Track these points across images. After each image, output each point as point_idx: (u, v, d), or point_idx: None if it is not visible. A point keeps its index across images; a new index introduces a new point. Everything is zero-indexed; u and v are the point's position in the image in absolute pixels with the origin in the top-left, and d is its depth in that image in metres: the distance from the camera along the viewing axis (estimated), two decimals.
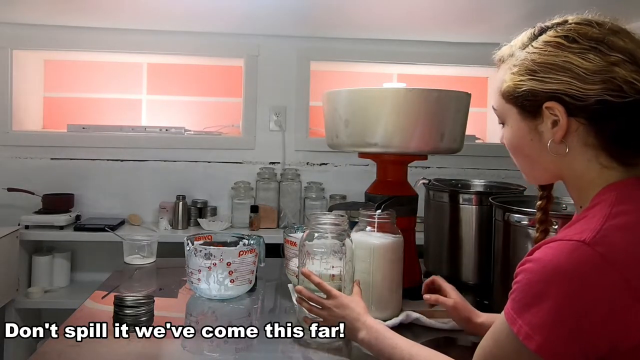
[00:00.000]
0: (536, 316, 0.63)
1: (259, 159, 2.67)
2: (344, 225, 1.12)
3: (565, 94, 0.70)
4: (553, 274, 0.63)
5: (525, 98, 0.74)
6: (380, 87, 1.26)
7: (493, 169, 2.77)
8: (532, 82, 0.73)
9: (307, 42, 2.65)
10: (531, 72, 0.73)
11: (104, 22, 2.45)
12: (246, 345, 1.06)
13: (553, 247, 0.65)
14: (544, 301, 0.63)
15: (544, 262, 0.64)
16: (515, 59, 0.78)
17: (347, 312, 1.01)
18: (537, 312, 0.63)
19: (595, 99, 0.68)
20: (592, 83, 0.68)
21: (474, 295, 1.41)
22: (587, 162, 0.72)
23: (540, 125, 0.74)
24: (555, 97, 0.71)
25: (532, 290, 0.65)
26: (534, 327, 0.63)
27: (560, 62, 0.71)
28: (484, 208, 1.46)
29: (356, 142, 1.28)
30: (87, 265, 2.57)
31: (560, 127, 0.71)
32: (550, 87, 0.71)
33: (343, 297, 1.04)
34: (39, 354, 0.98)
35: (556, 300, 0.62)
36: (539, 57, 0.73)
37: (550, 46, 0.73)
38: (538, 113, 0.73)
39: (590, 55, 0.69)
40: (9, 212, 2.47)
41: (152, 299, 1.18)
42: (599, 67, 0.68)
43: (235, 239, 1.43)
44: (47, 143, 2.57)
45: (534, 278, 0.65)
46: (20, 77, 2.57)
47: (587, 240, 0.63)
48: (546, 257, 0.65)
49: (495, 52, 0.83)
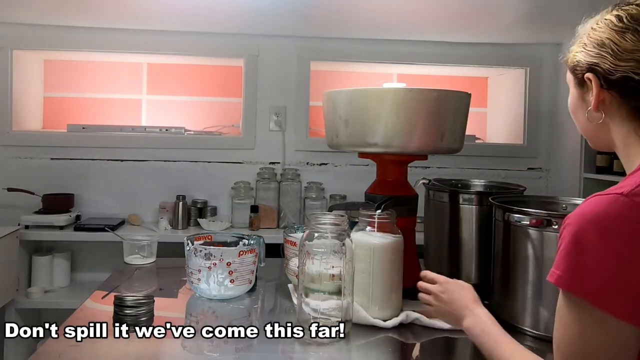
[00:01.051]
0: (577, 263, 0.66)
1: (259, 159, 2.67)
2: (344, 225, 1.12)
3: (599, 67, 0.76)
4: (591, 222, 0.66)
5: (576, 68, 0.82)
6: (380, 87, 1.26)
7: (493, 169, 2.77)
8: (581, 54, 0.80)
9: (307, 42, 2.65)
10: (584, 45, 0.80)
11: (104, 22, 2.45)
12: (246, 345, 1.06)
13: (591, 201, 0.69)
14: (583, 248, 0.66)
15: (582, 214, 0.68)
16: (581, 33, 0.83)
17: (455, 298, 1.03)
18: (578, 259, 0.66)
19: (622, 75, 0.74)
20: (623, 60, 0.74)
21: None
22: (626, 134, 0.78)
23: (586, 94, 0.81)
24: (592, 69, 0.78)
25: (571, 241, 0.67)
26: (575, 273, 0.66)
27: (604, 38, 0.77)
28: (484, 208, 1.46)
29: (356, 142, 1.28)
30: (87, 265, 2.57)
31: (594, 97, 0.78)
32: (590, 60, 0.78)
33: (451, 283, 1.06)
34: (39, 354, 0.98)
35: (595, 245, 0.65)
36: (593, 32, 0.79)
37: (604, 23, 0.78)
38: (584, 83, 0.81)
39: (628, 34, 0.74)
40: (9, 212, 2.47)
41: (152, 299, 1.18)
42: (633, 47, 0.73)
43: (235, 239, 1.43)
44: (47, 143, 2.57)
45: (572, 229, 0.68)
46: (20, 77, 2.57)
47: (625, 192, 0.67)
48: (584, 210, 0.68)
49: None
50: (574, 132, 2.59)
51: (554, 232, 1.10)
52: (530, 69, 2.75)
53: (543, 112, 2.77)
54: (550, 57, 2.74)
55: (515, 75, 2.83)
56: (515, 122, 2.83)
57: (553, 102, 2.76)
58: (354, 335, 1.10)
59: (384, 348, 1.07)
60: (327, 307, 1.08)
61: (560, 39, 2.64)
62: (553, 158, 2.78)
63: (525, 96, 2.78)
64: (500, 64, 2.74)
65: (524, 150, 2.78)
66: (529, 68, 2.75)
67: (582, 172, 2.51)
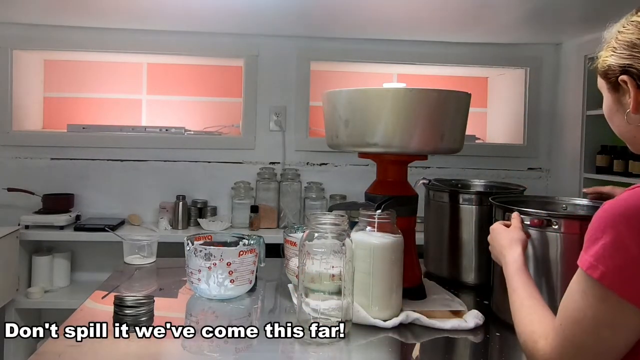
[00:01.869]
0: (601, 248, 0.67)
1: (259, 159, 2.67)
2: (344, 225, 1.12)
3: (634, 68, 0.76)
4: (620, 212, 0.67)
5: (607, 72, 0.81)
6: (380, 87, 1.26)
7: (493, 169, 2.77)
8: (612, 58, 0.80)
9: (307, 42, 2.65)
10: (614, 49, 0.80)
11: (103, 22, 2.45)
12: (246, 345, 1.06)
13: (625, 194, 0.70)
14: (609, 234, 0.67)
15: (613, 204, 0.69)
16: (608, 38, 0.83)
17: (494, 245, 1.10)
18: (603, 245, 0.67)
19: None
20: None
21: (474, 295, 1.42)
22: None
23: (622, 97, 0.81)
24: (627, 71, 0.77)
25: (600, 227, 0.68)
26: (598, 258, 0.67)
27: (635, 39, 0.77)
28: (484, 208, 1.46)
29: (356, 142, 1.28)
30: (87, 265, 2.57)
31: (632, 98, 0.77)
32: (623, 62, 0.78)
33: (493, 229, 1.13)
34: (39, 354, 0.98)
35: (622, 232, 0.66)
36: (622, 35, 0.79)
37: (632, 26, 0.78)
38: (619, 86, 0.80)
39: None
40: (9, 212, 2.47)
41: (152, 299, 1.18)
42: None
43: (235, 239, 1.43)
44: (47, 143, 2.57)
45: (602, 215, 0.69)
46: (20, 77, 2.57)
47: None
48: (616, 202, 0.69)
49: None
50: (574, 132, 2.59)
51: (554, 232, 1.10)
52: (530, 69, 2.75)
53: (543, 112, 2.77)
54: (550, 57, 2.74)
55: (515, 75, 2.83)
56: (515, 122, 2.83)
57: (553, 102, 2.76)
58: (354, 335, 1.10)
59: (384, 348, 1.07)
60: (327, 307, 1.08)
61: (560, 39, 2.64)
62: (553, 158, 2.78)
63: (525, 96, 2.78)
64: (500, 64, 2.74)
65: (524, 150, 2.78)
66: (529, 68, 2.75)
67: (582, 172, 2.51)
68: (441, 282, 1.46)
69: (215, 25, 2.46)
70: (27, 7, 2.22)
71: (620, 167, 2.30)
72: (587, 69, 2.46)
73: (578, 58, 2.54)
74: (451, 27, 2.41)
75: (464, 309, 1.24)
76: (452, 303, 1.29)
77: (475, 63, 2.71)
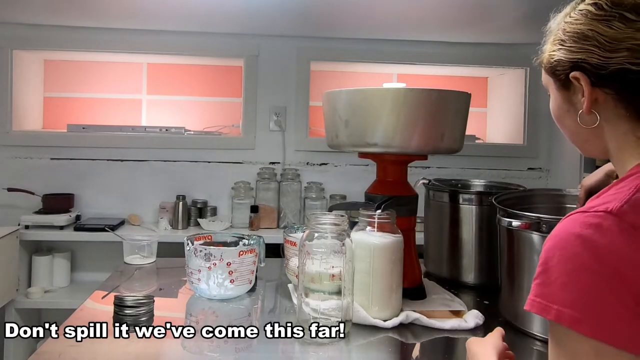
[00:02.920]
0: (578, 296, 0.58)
1: (259, 159, 2.67)
2: (344, 225, 1.12)
3: (587, 62, 0.68)
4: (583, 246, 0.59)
5: (556, 68, 0.73)
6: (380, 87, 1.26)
7: (493, 169, 2.77)
8: (560, 52, 0.72)
9: (307, 42, 2.65)
10: (561, 42, 0.72)
11: (104, 22, 2.45)
12: (246, 345, 1.06)
13: (574, 220, 0.61)
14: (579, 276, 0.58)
15: (562, 235, 0.61)
16: (554, 29, 0.76)
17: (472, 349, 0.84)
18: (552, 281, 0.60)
19: (617, 67, 0.66)
20: (614, 51, 0.66)
21: (474, 295, 1.42)
22: (623, 135, 0.69)
23: (573, 96, 0.73)
24: (579, 67, 0.69)
25: (565, 269, 0.60)
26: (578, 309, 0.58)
27: (586, 30, 0.69)
28: (484, 208, 1.46)
29: (356, 142, 1.28)
30: (87, 265, 2.57)
31: (586, 98, 0.69)
32: (574, 57, 0.70)
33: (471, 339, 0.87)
34: (39, 354, 0.98)
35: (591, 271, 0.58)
36: (569, 26, 0.71)
37: (580, 15, 0.70)
38: (570, 83, 0.72)
39: (615, 22, 0.66)
40: (9, 212, 2.47)
41: (152, 299, 1.18)
42: (623, 35, 0.66)
43: (235, 239, 1.43)
44: (47, 143, 2.57)
45: (562, 254, 0.60)
46: (20, 77, 2.57)
47: (614, 210, 0.59)
48: (566, 230, 0.61)
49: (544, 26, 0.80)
50: None
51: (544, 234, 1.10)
52: (530, 69, 2.75)
53: (543, 112, 2.77)
54: None
55: (515, 75, 2.83)
56: (515, 122, 2.83)
57: None
58: (354, 335, 1.10)
59: (384, 348, 1.07)
60: (327, 307, 1.08)
61: None
62: (553, 158, 2.78)
63: (525, 96, 2.78)
64: (500, 64, 2.74)
65: (524, 150, 2.78)
66: (529, 68, 2.75)
67: (582, 172, 2.51)
68: (441, 282, 1.46)
69: (215, 25, 2.46)
70: (27, 7, 2.22)
71: None
72: None
73: None
74: (451, 27, 2.41)
75: (464, 309, 1.24)
76: (452, 303, 1.29)
77: (475, 63, 2.71)
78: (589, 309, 0.57)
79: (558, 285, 0.60)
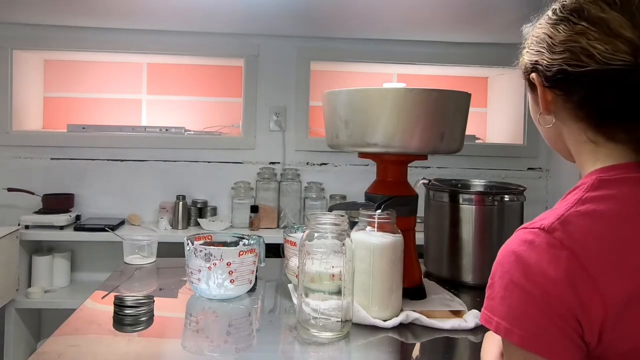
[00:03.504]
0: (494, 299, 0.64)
1: (259, 159, 2.67)
2: (344, 225, 1.12)
3: (539, 64, 0.71)
4: (509, 260, 0.63)
5: (523, 71, 0.77)
6: (380, 87, 1.26)
7: (493, 169, 2.77)
8: (526, 55, 0.75)
9: (307, 42, 2.65)
10: (528, 45, 0.75)
11: (104, 22, 2.45)
12: (246, 345, 1.06)
13: (516, 236, 0.65)
14: (498, 283, 0.64)
15: (503, 252, 0.66)
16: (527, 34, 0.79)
17: None
18: (495, 295, 0.64)
19: (557, 69, 0.68)
20: (558, 53, 0.68)
21: (474, 295, 1.42)
22: (578, 137, 0.70)
23: (537, 97, 0.75)
24: (535, 69, 0.72)
25: (491, 280, 0.66)
26: (491, 310, 0.65)
27: (541, 33, 0.71)
28: (484, 208, 1.46)
29: (356, 142, 1.28)
30: (87, 265, 2.57)
31: (540, 97, 0.72)
32: (532, 59, 0.73)
33: None
34: (39, 354, 0.98)
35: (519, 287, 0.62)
36: (534, 30, 0.75)
37: (542, 20, 0.74)
38: (533, 85, 0.74)
39: (561, 25, 0.68)
40: (9, 212, 2.47)
41: (152, 299, 1.18)
42: (565, 37, 0.67)
43: (235, 239, 1.43)
44: (47, 143, 2.57)
45: (493, 269, 0.66)
46: (20, 77, 2.57)
47: (547, 227, 0.62)
48: (506, 247, 0.65)
49: None
50: None
51: None
52: None
53: None
54: None
55: (515, 75, 2.80)
56: (515, 122, 2.83)
57: None
58: (354, 335, 1.10)
59: (384, 348, 1.07)
60: (327, 307, 1.08)
61: None
62: (553, 158, 2.78)
63: (525, 96, 2.78)
64: (500, 64, 2.74)
65: (524, 150, 2.78)
66: None
67: None
68: (441, 282, 1.46)
69: (215, 25, 2.46)
70: (27, 7, 2.22)
71: None
72: None
73: None
74: (451, 27, 2.41)
75: (464, 309, 1.24)
76: (452, 303, 1.29)
77: (475, 63, 2.71)
78: (518, 322, 0.62)
79: (498, 299, 0.64)
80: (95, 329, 1.09)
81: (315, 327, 1.07)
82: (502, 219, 1.49)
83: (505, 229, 1.49)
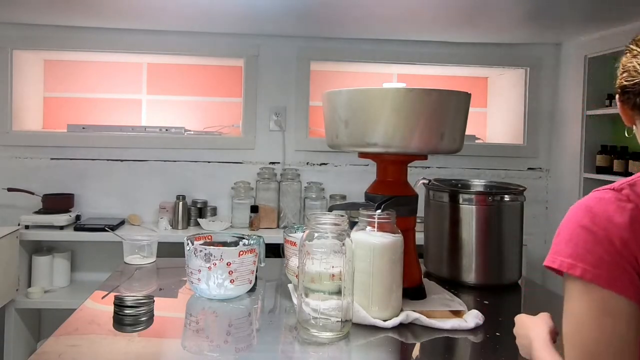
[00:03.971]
0: (560, 244, 0.74)
1: (259, 159, 2.67)
2: (344, 225, 1.12)
3: (617, 86, 0.83)
4: (579, 211, 0.73)
5: None
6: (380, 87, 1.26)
7: (493, 169, 2.77)
8: None
9: (307, 42, 2.65)
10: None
11: (104, 22, 2.45)
12: (246, 345, 1.06)
13: (587, 196, 0.75)
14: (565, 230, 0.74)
15: (574, 207, 0.75)
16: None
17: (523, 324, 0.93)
18: (561, 241, 0.74)
19: (619, 86, 0.82)
20: (621, 73, 0.81)
21: (474, 295, 1.42)
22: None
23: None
24: (616, 91, 0.85)
25: (560, 228, 0.75)
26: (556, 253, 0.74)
27: (620, 63, 0.84)
28: (484, 208, 1.46)
29: (356, 142, 1.28)
30: (87, 265, 2.57)
31: (620, 113, 0.85)
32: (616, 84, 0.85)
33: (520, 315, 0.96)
34: (39, 354, 0.98)
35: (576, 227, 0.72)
36: None
37: None
38: None
39: (628, 53, 0.82)
40: (9, 212, 2.47)
41: (152, 299, 1.18)
42: (625, 61, 0.81)
43: (235, 239, 1.43)
44: (47, 143, 2.57)
45: (564, 219, 0.75)
46: (20, 77, 2.57)
47: (616, 187, 0.74)
48: (577, 203, 0.75)
49: None
50: (574, 132, 2.59)
51: None
52: (530, 69, 2.75)
53: (543, 112, 2.77)
54: (550, 57, 2.74)
55: (515, 75, 2.83)
56: (515, 122, 2.83)
57: (553, 102, 2.76)
58: (354, 335, 1.10)
59: (384, 348, 1.07)
60: (327, 307, 1.08)
61: (560, 38, 2.64)
62: (553, 158, 2.78)
63: (525, 96, 2.78)
64: (500, 64, 2.74)
65: (524, 150, 2.78)
66: (529, 68, 2.75)
67: (582, 172, 2.51)
68: (441, 282, 1.46)
69: (215, 25, 2.46)
70: (27, 7, 2.22)
71: (620, 167, 2.30)
72: (587, 68, 2.46)
73: (578, 58, 2.54)
74: (451, 27, 2.41)
75: (464, 309, 1.24)
76: (452, 303, 1.29)
77: (475, 63, 2.71)
78: (582, 257, 0.72)
79: (563, 243, 0.75)
80: (95, 329, 1.09)
81: (315, 327, 1.07)
82: (502, 219, 1.49)
83: (505, 229, 1.49)
